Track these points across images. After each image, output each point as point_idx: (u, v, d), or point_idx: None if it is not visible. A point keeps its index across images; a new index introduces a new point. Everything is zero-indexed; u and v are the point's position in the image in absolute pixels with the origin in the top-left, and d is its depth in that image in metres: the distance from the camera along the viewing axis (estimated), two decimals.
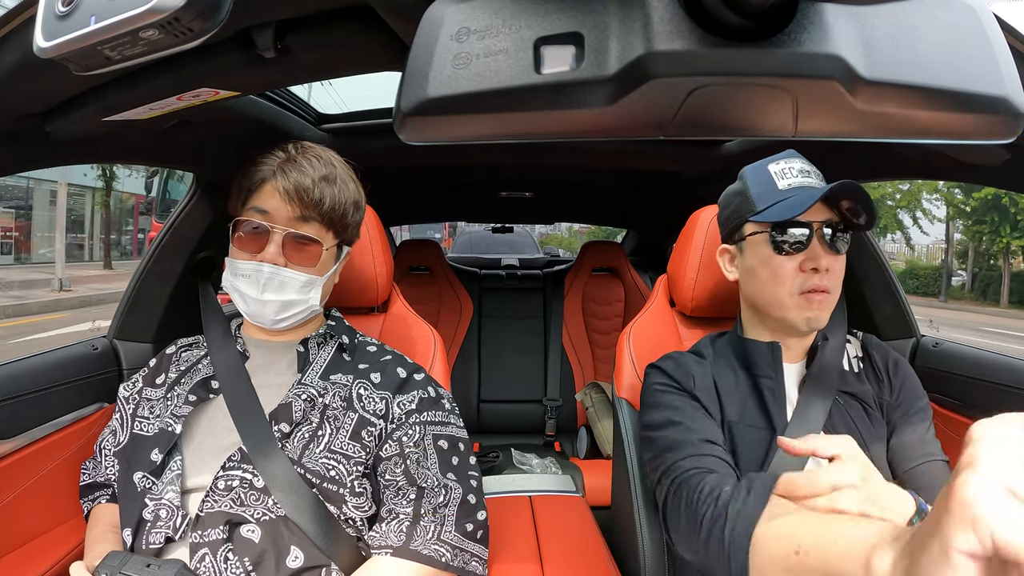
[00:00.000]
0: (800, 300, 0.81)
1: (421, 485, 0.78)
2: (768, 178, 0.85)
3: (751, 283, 0.87)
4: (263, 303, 0.83)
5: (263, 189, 0.85)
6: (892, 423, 0.86)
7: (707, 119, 0.35)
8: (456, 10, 0.32)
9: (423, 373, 0.90)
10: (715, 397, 0.86)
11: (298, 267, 0.84)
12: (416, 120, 0.33)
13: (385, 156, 1.54)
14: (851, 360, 0.90)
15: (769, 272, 0.83)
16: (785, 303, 0.82)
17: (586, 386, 2.08)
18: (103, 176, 12.95)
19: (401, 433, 0.81)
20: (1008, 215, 15.55)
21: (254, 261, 0.83)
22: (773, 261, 0.82)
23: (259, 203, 0.84)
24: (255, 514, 0.74)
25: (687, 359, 0.90)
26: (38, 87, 0.59)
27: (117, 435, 0.87)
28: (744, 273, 0.89)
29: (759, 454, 0.81)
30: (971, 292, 18.21)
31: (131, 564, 0.66)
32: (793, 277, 0.81)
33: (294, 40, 0.54)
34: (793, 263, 0.81)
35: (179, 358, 0.92)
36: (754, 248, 0.85)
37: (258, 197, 0.85)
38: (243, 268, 0.83)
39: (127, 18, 0.36)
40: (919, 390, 0.88)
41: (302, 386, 0.84)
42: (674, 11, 0.31)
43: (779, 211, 0.81)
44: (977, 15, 0.34)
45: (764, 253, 0.83)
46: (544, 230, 27.85)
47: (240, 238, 0.85)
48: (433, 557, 0.75)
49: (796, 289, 0.81)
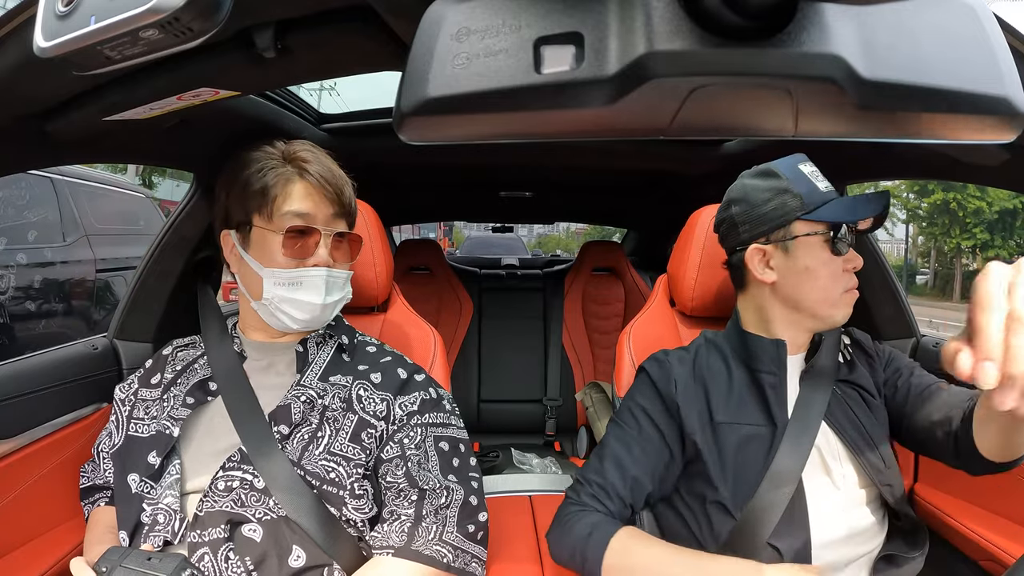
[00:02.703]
0: (846, 298, 0.84)
1: (423, 487, 0.78)
2: (806, 178, 0.85)
3: (804, 284, 0.85)
4: (324, 307, 0.83)
5: (293, 191, 0.82)
6: (899, 388, 0.89)
7: (707, 119, 0.34)
8: (456, 10, 0.32)
9: (424, 374, 0.90)
10: (701, 397, 0.86)
11: (341, 265, 0.87)
12: (416, 120, 0.33)
13: (385, 156, 1.54)
14: (843, 350, 0.92)
15: (828, 273, 0.83)
16: (837, 302, 0.84)
17: (586, 386, 2.08)
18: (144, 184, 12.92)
19: (403, 435, 0.81)
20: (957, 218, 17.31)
21: (304, 267, 0.82)
22: (833, 262, 0.83)
23: (296, 206, 0.82)
24: (256, 514, 0.74)
25: (671, 360, 0.90)
26: (38, 87, 0.59)
27: (113, 437, 0.87)
28: (792, 273, 0.85)
29: (760, 452, 0.82)
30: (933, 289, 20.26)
31: (132, 558, 0.65)
32: (843, 277, 0.84)
33: (294, 40, 0.54)
34: (840, 264, 0.84)
35: (175, 358, 0.91)
36: (808, 249, 0.84)
37: (290, 200, 0.82)
38: (295, 276, 0.81)
39: (127, 18, 0.36)
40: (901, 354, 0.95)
41: (301, 387, 0.83)
42: (674, 11, 0.31)
43: (840, 211, 0.82)
44: (977, 15, 0.34)
45: (822, 254, 0.83)
46: (542, 230, 27.84)
47: (289, 246, 0.81)
48: (435, 558, 0.75)
49: (843, 288, 0.84)
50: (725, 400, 0.85)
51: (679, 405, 0.85)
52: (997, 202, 16.52)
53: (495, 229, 3.65)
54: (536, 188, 2.30)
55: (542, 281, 2.49)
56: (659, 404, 0.87)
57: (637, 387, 0.91)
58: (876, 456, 0.83)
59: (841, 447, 0.84)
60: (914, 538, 0.84)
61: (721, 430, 0.83)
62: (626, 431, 0.87)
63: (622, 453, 0.85)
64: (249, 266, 0.84)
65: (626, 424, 0.88)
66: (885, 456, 0.84)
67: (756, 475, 0.79)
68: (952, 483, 1.08)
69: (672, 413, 0.86)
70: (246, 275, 0.85)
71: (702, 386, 0.87)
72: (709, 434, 0.83)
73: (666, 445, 0.85)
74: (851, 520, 0.81)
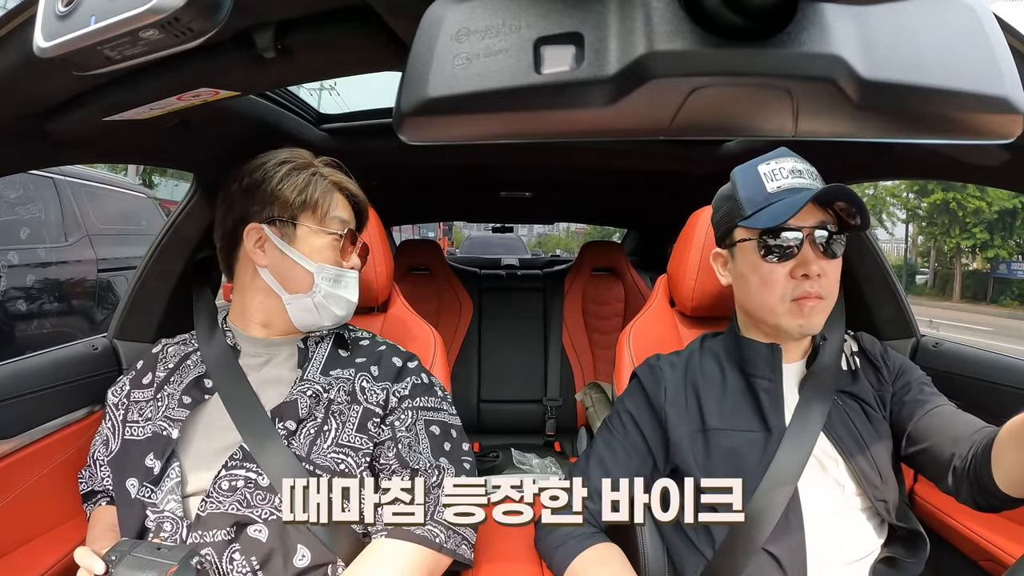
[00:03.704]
0: (792, 307, 0.79)
1: (414, 467, 0.79)
2: (757, 180, 0.82)
3: (742, 289, 0.86)
4: (353, 304, 0.90)
5: (338, 201, 0.89)
6: (905, 404, 0.84)
7: (707, 119, 0.34)
8: (456, 10, 0.32)
9: (416, 361, 0.93)
10: (693, 402, 0.85)
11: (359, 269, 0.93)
12: (416, 120, 0.33)
13: (385, 156, 1.54)
14: (848, 358, 0.89)
15: (759, 279, 0.81)
16: (776, 310, 0.80)
17: (586, 386, 2.08)
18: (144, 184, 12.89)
19: (394, 418, 0.83)
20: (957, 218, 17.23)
21: (344, 267, 0.88)
22: (762, 268, 0.80)
23: (341, 214, 0.89)
24: (262, 514, 0.74)
25: (663, 366, 0.90)
26: (38, 87, 0.59)
27: (109, 444, 0.86)
28: (736, 278, 0.87)
29: (754, 457, 0.80)
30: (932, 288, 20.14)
31: (142, 548, 0.67)
32: (784, 284, 0.79)
33: (294, 40, 0.54)
34: (784, 269, 0.79)
35: (166, 355, 0.90)
36: (744, 254, 0.83)
37: (336, 208, 0.88)
38: (343, 274, 0.88)
39: (127, 18, 0.36)
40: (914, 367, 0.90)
41: (306, 382, 0.84)
42: (674, 11, 0.31)
43: (766, 217, 0.78)
44: (977, 15, 0.34)
45: (753, 260, 0.81)
46: (542, 230, 27.88)
47: (340, 248, 0.88)
48: (427, 538, 0.76)
49: (787, 296, 0.79)
50: (718, 405, 0.84)
51: (667, 414, 0.85)
52: (997, 202, 16.57)
53: (495, 229, 3.65)
54: (536, 188, 2.30)
55: (542, 281, 2.49)
56: (647, 411, 0.87)
57: (628, 392, 0.91)
58: (873, 471, 0.81)
59: (839, 458, 0.82)
60: (913, 546, 0.81)
61: (714, 436, 0.82)
62: (614, 435, 0.88)
63: (607, 456, 0.86)
64: (291, 260, 0.85)
65: (614, 428, 0.89)
66: (883, 471, 0.81)
67: (751, 482, 0.78)
68: None
69: (660, 421, 0.86)
70: (286, 269, 0.86)
71: (694, 391, 0.86)
72: (700, 441, 0.82)
73: (650, 453, 0.85)
74: (848, 529, 0.80)
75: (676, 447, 0.83)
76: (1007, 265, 17.98)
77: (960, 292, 18.70)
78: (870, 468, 0.81)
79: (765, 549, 0.76)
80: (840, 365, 0.87)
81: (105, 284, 3.49)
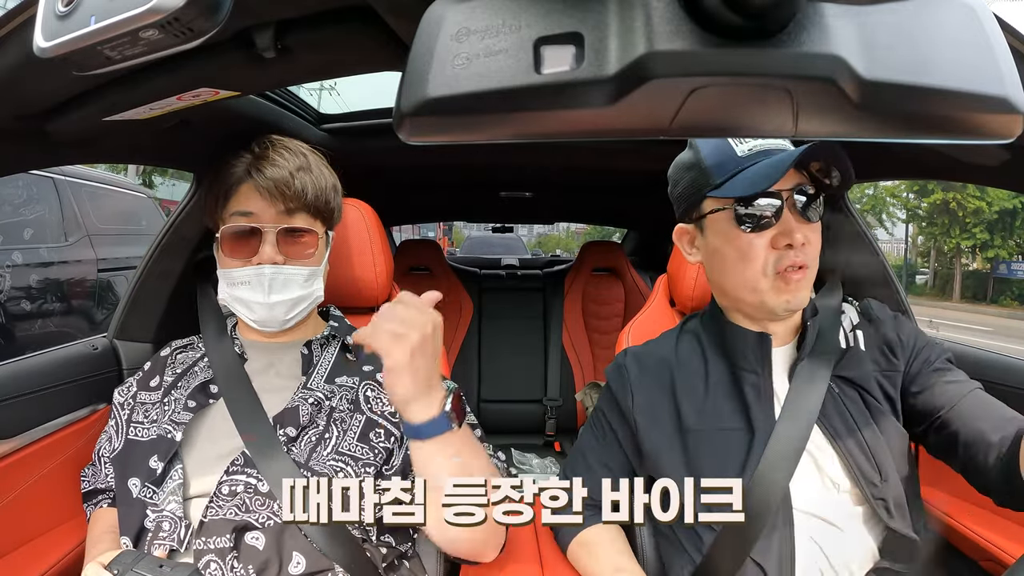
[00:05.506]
0: (776, 282, 0.72)
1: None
2: (723, 144, 0.74)
3: (717, 266, 0.76)
4: (271, 306, 0.83)
5: (240, 192, 0.84)
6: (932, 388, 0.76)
7: (707, 119, 0.34)
8: (456, 10, 0.32)
9: None
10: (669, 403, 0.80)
11: (297, 262, 0.84)
12: (416, 120, 0.33)
13: (385, 156, 1.54)
14: (848, 334, 0.80)
15: (736, 252, 0.72)
16: (759, 286, 0.72)
17: (586, 386, 2.07)
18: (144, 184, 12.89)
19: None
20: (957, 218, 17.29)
21: (251, 266, 0.82)
22: (739, 240, 0.72)
23: (241, 206, 0.83)
24: (260, 519, 0.74)
25: (628, 365, 0.85)
26: (38, 87, 0.59)
27: (112, 442, 0.86)
28: (708, 255, 0.78)
29: (737, 459, 0.74)
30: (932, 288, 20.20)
31: (144, 563, 0.66)
32: (765, 255, 0.71)
33: (294, 40, 0.54)
34: (763, 240, 0.71)
35: (174, 360, 0.91)
36: (716, 227, 0.74)
37: (237, 201, 0.83)
38: (241, 275, 0.82)
39: (127, 18, 0.36)
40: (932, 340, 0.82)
41: (308, 390, 0.83)
42: (674, 11, 0.31)
43: (743, 183, 0.70)
44: (977, 15, 0.34)
45: (728, 231, 0.73)
46: (542, 230, 27.88)
47: (230, 246, 0.83)
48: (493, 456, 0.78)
49: (770, 269, 0.72)
50: (700, 403, 0.78)
51: (637, 423, 0.81)
52: (997, 202, 16.61)
53: (495, 229, 3.66)
54: (536, 188, 2.30)
55: (542, 281, 2.49)
56: (618, 416, 0.85)
57: (603, 393, 0.89)
58: (871, 468, 0.74)
59: (833, 453, 0.75)
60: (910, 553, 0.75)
61: (692, 438, 0.77)
62: (594, 431, 0.88)
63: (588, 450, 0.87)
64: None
65: (595, 426, 0.88)
66: (882, 468, 0.74)
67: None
68: (952, 483, 1.07)
69: (631, 428, 0.82)
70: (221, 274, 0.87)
71: (670, 388, 0.80)
72: (678, 445, 0.77)
73: (627, 459, 0.84)
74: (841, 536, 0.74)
75: (652, 456, 0.79)
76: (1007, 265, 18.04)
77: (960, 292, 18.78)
78: (867, 464, 0.74)
79: (752, 559, 0.71)
80: (838, 342, 0.78)
81: (105, 284, 3.50)
